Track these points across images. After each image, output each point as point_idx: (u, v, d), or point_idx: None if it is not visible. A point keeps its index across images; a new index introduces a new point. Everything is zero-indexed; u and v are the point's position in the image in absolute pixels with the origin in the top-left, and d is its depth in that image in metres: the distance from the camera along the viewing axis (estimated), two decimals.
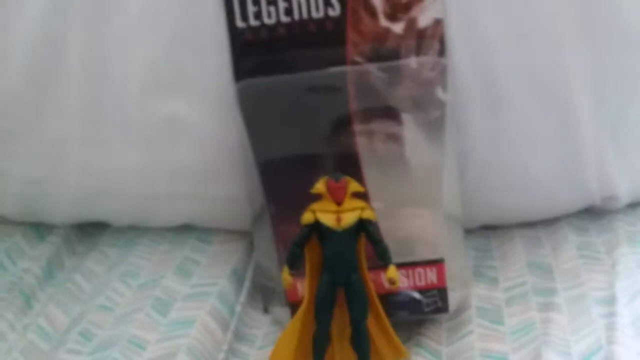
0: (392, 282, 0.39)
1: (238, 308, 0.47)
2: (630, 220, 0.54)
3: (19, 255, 0.52)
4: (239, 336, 0.45)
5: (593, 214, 0.55)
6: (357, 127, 0.45)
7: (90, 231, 0.56)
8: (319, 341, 0.40)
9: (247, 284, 0.49)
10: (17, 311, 0.47)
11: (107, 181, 0.51)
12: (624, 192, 0.53)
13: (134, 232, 0.55)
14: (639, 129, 0.50)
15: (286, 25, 0.45)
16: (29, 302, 0.48)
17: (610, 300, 0.45)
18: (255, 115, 0.45)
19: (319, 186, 0.40)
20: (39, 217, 0.55)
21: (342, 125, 0.45)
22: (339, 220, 0.39)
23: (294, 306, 0.43)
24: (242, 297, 0.48)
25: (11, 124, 0.49)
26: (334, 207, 0.39)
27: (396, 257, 0.40)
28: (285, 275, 0.40)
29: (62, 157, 0.50)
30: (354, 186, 0.40)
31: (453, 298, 0.45)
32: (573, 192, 0.53)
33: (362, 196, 0.41)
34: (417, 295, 0.44)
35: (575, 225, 0.54)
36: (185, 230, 0.54)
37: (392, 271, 0.39)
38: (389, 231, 0.43)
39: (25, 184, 0.52)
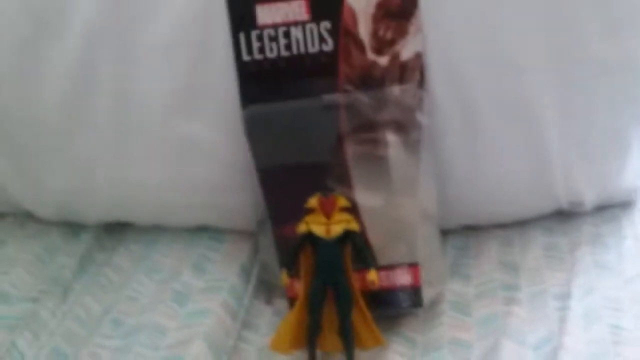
0: (372, 283, 0.46)
1: (245, 301, 0.54)
2: (595, 222, 0.59)
3: (56, 251, 0.59)
4: (246, 325, 0.52)
5: (561, 216, 0.60)
6: (348, 143, 0.51)
7: (116, 230, 0.62)
8: (312, 331, 0.47)
9: (253, 279, 0.56)
10: (56, 301, 0.53)
11: (132, 191, 0.57)
12: (590, 197, 0.58)
13: (155, 231, 0.61)
14: (604, 142, 0.55)
15: (286, 58, 0.51)
16: (66, 293, 0.55)
17: (566, 296, 0.51)
18: (258, 134, 0.51)
19: (312, 202, 0.47)
20: (73, 218, 0.61)
21: (334, 142, 0.51)
22: (328, 231, 0.46)
23: (292, 301, 0.50)
24: (249, 291, 0.55)
25: (48, 142, 0.55)
26: (324, 219, 0.46)
27: (379, 259, 0.47)
28: (284, 277, 0.47)
29: (93, 171, 0.56)
30: (341, 202, 0.47)
31: (429, 293, 0.51)
32: (542, 199, 0.58)
33: (350, 209, 0.48)
34: (395, 293, 0.50)
35: (544, 226, 0.60)
36: (199, 230, 0.61)
37: (372, 274, 0.46)
38: (374, 231, 0.49)
39: (61, 193, 0.58)
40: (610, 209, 0.61)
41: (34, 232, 0.61)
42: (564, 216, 0.60)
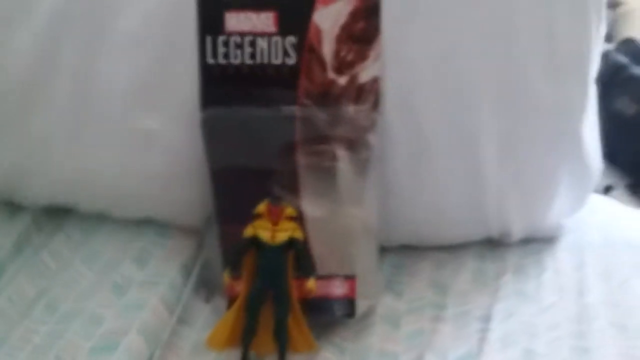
0: (310, 291, 0.48)
1: (184, 297, 0.54)
2: (519, 253, 0.63)
3: None
4: (182, 320, 0.53)
5: (491, 244, 0.64)
6: (300, 154, 0.53)
7: (56, 214, 0.61)
8: (248, 331, 0.48)
9: (193, 277, 0.56)
10: None
11: (82, 177, 0.56)
12: (518, 229, 0.62)
13: (97, 219, 0.61)
14: (536, 182, 0.59)
15: (249, 66, 0.52)
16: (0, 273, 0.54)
17: (487, 318, 0.54)
18: (215, 137, 0.52)
19: (261, 207, 0.49)
20: (14, 198, 0.60)
21: (287, 150, 0.52)
22: (273, 237, 0.48)
23: (231, 301, 0.51)
24: (188, 288, 0.55)
25: (2, 115, 0.54)
26: (270, 226, 0.48)
27: (319, 269, 0.49)
28: (226, 277, 0.48)
29: (45, 152, 0.55)
30: (289, 211, 0.49)
31: (362, 305, 0.54)
32: (476, 226, 0.61)
33: (296, 218, 0.50)
34: (330, 302, 0.52)
35: (475, 252, 0.63)
36: (144, 223, 0.60)
37: (311, 283, 0.48)
38: (316, 240, 0.51)
39: (7, 169, 0.57)
40: (536, 242, 0.64)
41: None
42: (494, 245, 0.64)
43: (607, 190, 1.06)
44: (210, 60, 0.52)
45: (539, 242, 0.65)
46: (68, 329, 0.48)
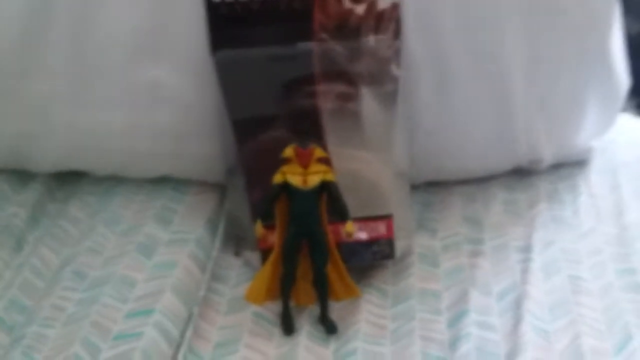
0: (349, 234, 0.46)
1: (214, 252, 0.53)
2: (551, 179, 0.62)
3: (4, 200, 0.56)
4: (215, 276, 0.51)
5: (520, 174, 0.62)
6: (321, 95, 0.50)
7: (68, 179, 0.60)
8: (286, 282, 0.46)
9: (220, 231, 0.55)
10: (10, 252, 0.51)
11: (90, 137, 0.54)
12: (548, 156, 0.60)
13: (111, 181, 0.59)
14: (564, 104, 0.57)
15: (259, 2, 0.49)
16: (20, 244, 0.52)
17: (527, 249, 0.53)
18: (231, 81, 0.50)
19: (289, 151, 0.46)
20: (23, 166, 0.58)
21: (307, 89, 0.50)
22: (305, 181, 0.45)
23: (264, 252, 0.49)
24: (217, 243, 0.54)
25: (0, 84, 0.52)
26: (301, 170, 0.46)
27: (352, 213, 0.47)
28: (258, 227, 0.46)
29: (48, 114, 0.53)
30: (318, 152, 0.46)
31: (399, 246, 0.52)
32: (504, 156, 0.60)
33: (326, 160, 0.47)
34: (369, 244, 0.51)
35: (504, 184, 0.62)
36: (160, 181, 0.59)
37: (349, 226, 0.46)
38: (347, 184, 0.49)
39: (12, 137, 0.55)
40: (566, 167, 0.63)
41: None
42: (523, 174, 0.62)
43: None
44: None
45: (569, 166, 0.63)
46: (101, 294, 0.47)
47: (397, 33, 0.50)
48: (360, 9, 0.50)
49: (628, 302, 0.48)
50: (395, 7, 0.50)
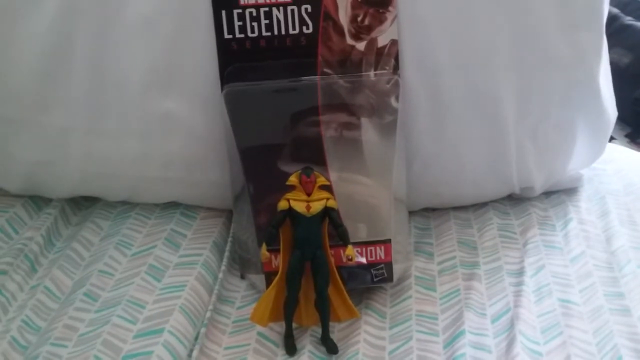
0: (349, 258, 0.48)
1: (220, 275, 0.55)
2: (542, 207, 0.64)
3: (20, 225, 0.58)
4: (221, 298, 0.53)
5: (513, 200, 0.65)
6: (324, 124, 0.53)
7: (82, 204, 0.62)
8: (290, 304, 0.48)
9: (226, 254, 0.57)
10: (24, 274, 0.53)
11: (105, 165, 0.56)
12: (539, 184, 0.63)
13: (123, 206, 0.61)
14: (554, 135, 0.59)
15: (267, 38, 0.52)
16: (33, 267, 0.54)
17: (520, 273, 0.55)
18: (239, 112, 0.52)
19: (293, 179, 0.49)
20: (40, 192, 0.60)
21: (311, 121, 0.52)
22: (308, 208, 0.48)
23: (268, 275, 0.52)
24: (223, 266, 0.56)
25: (19, 113, 0.54)
26: (304, 196, 0.48)
27: (353, 237, 0.49)
28: (264, 251, 0.48)
29: (65, 144, 0.55)
30: (321, 180, 0.49)
31: (397, 269, 0.54)
32: (498, 184, 0.62)
33: (328, 187, 0.50)
34: (368, 268, 0.53)
35: (499, 209, 0.64)
36: (170, 205, 0.61)
37: (350, 250, 0.48)
38: (348, 209, 0.51)
39: (30, 166, 0.57)
40: (557, 194, 0.66)
41: None
42: (516, 201, 0.65)
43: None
44: (227, 35, 0.52)
45: (560, 193, 0.66)
46: (112, 315, 0.49)
47: (396, 68, 0.53)
48: (361, 45, 0.53)
49: (618, 325, 0.50)
50: (394, 44, 0.53)
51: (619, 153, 0.75)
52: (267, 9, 0.51)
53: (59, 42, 0.52)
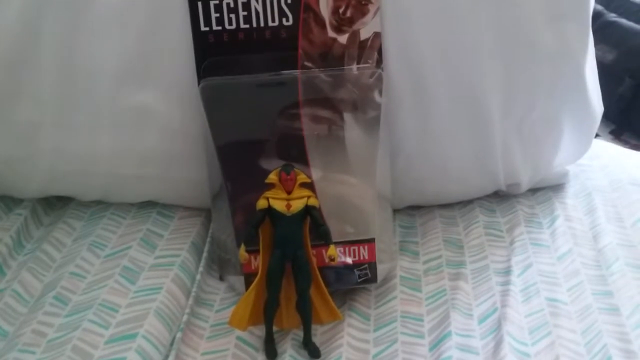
0: (331, 258, 0.47)
1: (198, 276, 0.53)
2: (528, 204, 0.63)
3: None
4: (199, 301, 0.51)
5: (499, 197, 0.64)
6: (304, 121, 0.51)
7: (55, 204, 0.60)
8: (270, 306, 0.47)
9: (205, 255, 0.55)
10: None
11: (76, 162, 0.54)
12: (525, 180, 0.62)
13: (98, 205, 0.59)
14: (540, 129, 0.58)
15: (245, 31, 0.50)
16: (1, 270, 0.52)
17: (507, 272, 0.54)
18: (216, 107, 0.51)
19: (272, 177, 0.47)
20: (9, 192, 0.58)
21: (292, 117, 0.51)
22: (288, 206, 0.46)
23: (248, 276, 0.50)
24: (201, 267, 0.54)
25: None
26: (284, 195, 0.46)
27: (335, 237, 0.48)
28: (242, 252, 0.47)
29: (34, 139, 0.53)
30: (301, 178, 0.47)
31: (382, 269, 0.53)
32: (484, 180, 0.61)
33: (309, 185, 0.48)
34: (351, 268, 0.51)
35: (485, 206, 0.63)
36: (146, 205, 0.59)
37: (332, 250, 0.46)
38: (330, 208, 0.49)
39: None
40: (543, 191, 0.65)
41: None
42: (502, 198, 0.64)
43: None
44: (204, 27, 0.50)
45: (546, 190, 0.65)
46: (82, 319, 0.47)
47: (379, 61, 0.52)
48: (343, 38, 0.51)
49: (606, 324, 0.49)
50: (377, 37, 0.51)
51: (605, 149, 0.74)
52: (245, 0, 0.49)
53: (26, 32, 0.50)
